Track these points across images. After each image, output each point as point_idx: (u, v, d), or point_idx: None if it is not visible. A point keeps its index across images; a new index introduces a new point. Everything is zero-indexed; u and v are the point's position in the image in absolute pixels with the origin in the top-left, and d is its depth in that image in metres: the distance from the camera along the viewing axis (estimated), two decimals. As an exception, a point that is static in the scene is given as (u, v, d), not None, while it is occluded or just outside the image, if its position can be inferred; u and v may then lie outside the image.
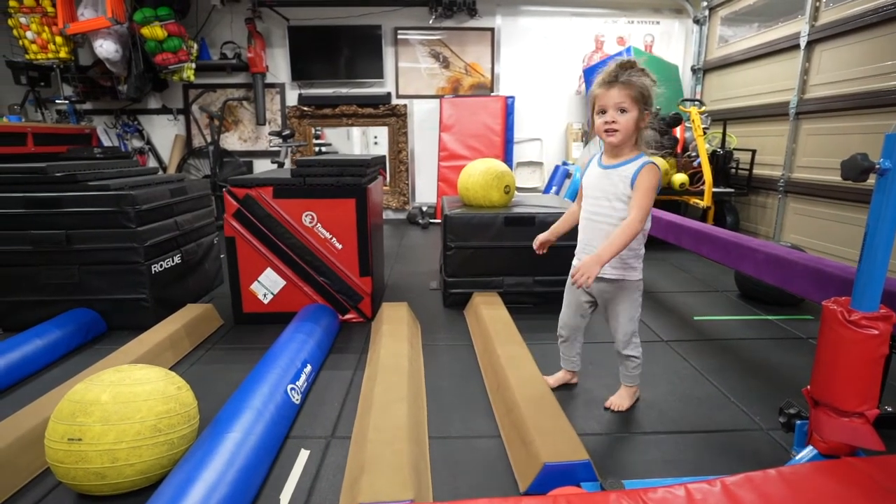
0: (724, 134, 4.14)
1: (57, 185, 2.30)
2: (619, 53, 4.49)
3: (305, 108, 5.13)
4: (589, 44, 5.19)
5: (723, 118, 4.27)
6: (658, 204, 3.94)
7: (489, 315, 2.27)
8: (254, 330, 2.37)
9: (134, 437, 1.21)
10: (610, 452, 1.45)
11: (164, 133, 5.35)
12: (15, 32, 4.21)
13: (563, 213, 2.68)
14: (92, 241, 2.28)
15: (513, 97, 5.07)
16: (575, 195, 4.30)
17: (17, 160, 3.90)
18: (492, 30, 5.14)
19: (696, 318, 2.53)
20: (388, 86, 5.24)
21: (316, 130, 5.48)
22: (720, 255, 2.26)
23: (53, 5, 4.10)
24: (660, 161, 3.88)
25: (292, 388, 1.64)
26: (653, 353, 2.12)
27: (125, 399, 1.23)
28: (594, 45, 5.19)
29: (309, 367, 1.82)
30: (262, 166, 5.34)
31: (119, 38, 4.33)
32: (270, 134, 4.76)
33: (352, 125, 5.25)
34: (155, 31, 4.23)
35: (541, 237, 1.75)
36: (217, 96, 5.22)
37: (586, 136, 5.26)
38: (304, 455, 1.43)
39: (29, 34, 4.17)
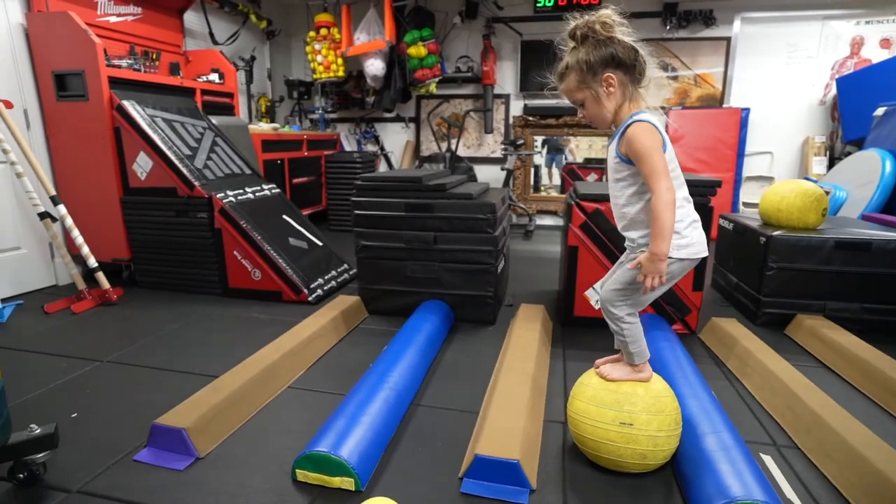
0: None
1: (429, 192, 2.70)
2: (891, 60, 4.12)
3: (530, 118, 5.39)
4: (842, 49, 4.82)
5: None
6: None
7: (846, 341, 2.25)
8: (585, 333, 2.58)
9: (668, 427, 1.42)
10: None
11: (395, 139, 5.95)
12: (309, 57, 4.98)
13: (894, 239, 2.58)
14: (455, 242, 2.65)
15: (748, 109, 4.88)
16: (835, 213, 4.03)
17: (298, 162, 4.65)
18: (728, 39, 4.99)
19: None
20: (612, 96, 5.30)
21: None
22: None
23: (339, 32, 4.77)
24: None
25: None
26: None
27: (655, 394, 1.45)
28: (849, 51, 4.80)
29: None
30: (481, 171, 5.70)
31: (384, 57, 4.91)
32: (503, 143, 5.08)
33: (573, 135, 5.42)
34: (419, 50, 4.73)
35: None
36: (448, 106, 5.69)
37: (830, 151, 4.90)
38: (768, 459, 1.57)
39: (318, 58, 4.89)
